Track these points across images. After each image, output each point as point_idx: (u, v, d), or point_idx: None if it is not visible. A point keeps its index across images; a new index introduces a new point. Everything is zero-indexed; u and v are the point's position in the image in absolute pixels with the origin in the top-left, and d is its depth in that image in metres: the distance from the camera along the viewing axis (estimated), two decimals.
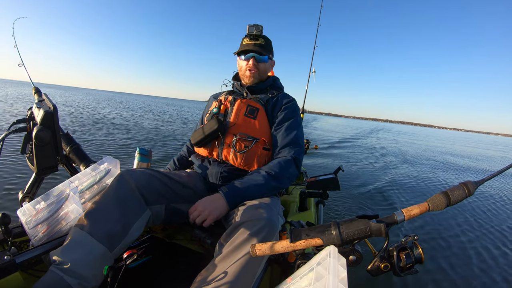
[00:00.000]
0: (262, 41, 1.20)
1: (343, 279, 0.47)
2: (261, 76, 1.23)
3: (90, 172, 1.04)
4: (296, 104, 1.23)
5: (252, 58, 1.18)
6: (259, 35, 1.19)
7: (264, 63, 1.21)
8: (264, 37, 1.21)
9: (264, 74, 1.24)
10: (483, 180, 0.53)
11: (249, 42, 1.20)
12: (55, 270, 0.72)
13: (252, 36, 1.20)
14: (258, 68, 1.20)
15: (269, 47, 1.23)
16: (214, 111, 1.17)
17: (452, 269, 2.05)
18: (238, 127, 1.10)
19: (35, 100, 1.09)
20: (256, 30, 1.18)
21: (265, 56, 1.19)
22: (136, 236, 0.89)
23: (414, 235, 0.56)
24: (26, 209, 0.90)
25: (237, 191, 0.96)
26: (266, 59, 1.20)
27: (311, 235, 0.57)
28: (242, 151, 1.07)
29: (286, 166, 1.05)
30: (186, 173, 1.15)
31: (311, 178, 1.78)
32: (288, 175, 1.05)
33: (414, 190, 4.40)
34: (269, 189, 1.00)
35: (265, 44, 1.20)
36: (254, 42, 1.19)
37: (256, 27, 1.18)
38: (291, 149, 1.09)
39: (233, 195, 0.94)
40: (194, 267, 0.88)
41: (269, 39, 1.25)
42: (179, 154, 1.38)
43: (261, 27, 1.18)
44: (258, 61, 1.19)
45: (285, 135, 1.11)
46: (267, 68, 1.24)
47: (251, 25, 1.19)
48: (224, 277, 0.70)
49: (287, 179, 1.05)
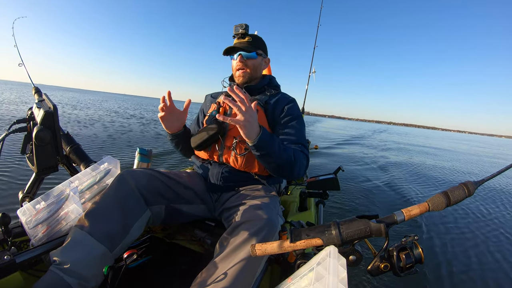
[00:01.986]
0: (249, 39, 1.18)
1: (343, 279, 0.47)
2: (253, 74, 1.20)
3: (90, 172, 1.04)
4: (297, 105, 1.21)
5: (239, 56, 1.16)
6: (245, 33, 1.17)
7: (253, 59, 1.18)
8: (251, 35, 1.19)
9: (255, 72, 1.21)
10: (483, 180, 0.53)
11: (236, 41, 1.19)
12: (55, 270, 0.72)
13: (238, 36, 1.18)
14: (246, 65, 1.17)
15: (257, 43, 1.20)
16: (214, 114, 1.15)
17: (452, 269, 2.05)
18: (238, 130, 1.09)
19: (35, 100, 1.09)
20: (241, 29, 1.16)
21: (252, 52, 1.17)
22: (136, 236, 0.90)
23: (414, 235, 0.56)
24: (26, 209, 0.90)
25: (268, 135, 0.92)
26: (254, 55, 1.17)
27: (311, 235, 0.57)
28: (243, 153, 1.06)
29: (302, 156, 1.04)
30: (186, 173, 1.15)
31: (311, 178, 1.78)
32: (300, 163, 1.02)
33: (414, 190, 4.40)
34: (286, 158, 0.96)
35: (252, 41, 1.18)
36: (240, 40, 1.18)
37: (241, 26, 1.16)
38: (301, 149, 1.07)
39: (265, 132, 0.90)
40: (194, 267, 0.88)
41: (258, 37, 1.22)
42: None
43: (245, 25, 1.16)
44: (245, 57, 1.17)
45: (291, 138, 1.09)
46: (257, 65, 1.20)
47: (236, 25, 1.17)
48: (224, 277, 0.70)
49: (299, 165, 1.02)
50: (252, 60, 1.18)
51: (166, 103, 1.03)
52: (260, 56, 1.21)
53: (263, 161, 0.97)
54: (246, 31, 1.17)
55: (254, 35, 1.20)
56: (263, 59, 1.24)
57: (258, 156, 0.95)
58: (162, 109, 1.03)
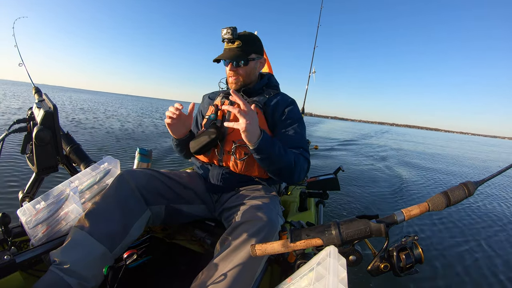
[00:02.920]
0: (239, 44, 1.08)
1: (343, 279, 0.47)
2: (246, 81, 1.15)
3: (90, 172, 1.04)
4: (297, 106, 1.19)
5: (230, 64, 1.11)
6: (233, 38, 1.08)
7: (244, 67, 1.11)
8: (243, 37, 1.09)
9: (248, 78, 1.15)
10: (483, 180, 0.53)
11: (226, 47, 1.11)
12: (55, 270, 0.72)
13: (228, 40, 1.09)
14: (238, 73, 1.12)
15: (248, 47, 1.10)
16: (212, 118, 1.11)
17: (452, 269, 2.05)
18: (237, 134, 1.05)
19: (35, 100, 1.09)
20: (228, 34, 1.07)
21: (242, 60, 1.09)
22: (136, 236, 0.90)
23: (414, 235, 0.56)
24: (26, 209, 0.90)
25: (269, 139, 0.92)
26: (244, 63, 1.10)
27: (311, 235, 0.57)
28: (242, 158, 1.04)
29: (302, 160, 1.04)
30: (186, 173, 1.14)
31: (311, 178, 1.78)
32: (301, 167, 1.02)
33: (414, 190, 4.40)
34: (287, 162, 0.96)
35: (242, 46, 1.09)
36: (230, 46, 1.10)
37: (228, 30, 1.06)
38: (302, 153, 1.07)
39: (266, 136, 0.91)
40: (194, 267, 0.88)
41: (250, 38, 1.12)
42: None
43: (233, 29, 1.06)
44: (236, 66, 1.11)
45: (293, 141, 1.08)
46: (249, 71, 1.14)
47: (223, 29, 1.08)
48: (224, 277, 0.70)
49: (300, 168, 1.02)
50: (243, 68, 1.12)
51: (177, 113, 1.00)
52: (253, 60, 1.13)
53: (264, 165, 0.97)
54: (233, 36, 1.07)
55: (244, 37, 1.10)
56: (258, 61, 1.16)
57: (259, 160, 0.95)
58: (171, 117, 1.01)
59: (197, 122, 1.30)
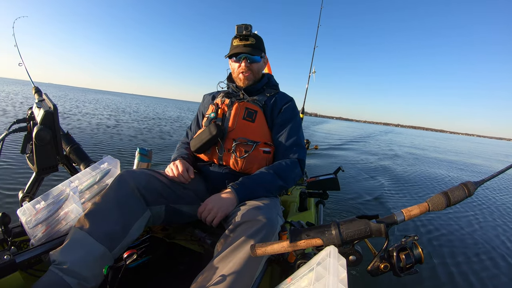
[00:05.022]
0: (253, 41, 1.15)
1: (343, 279, 0.47)
2: (256, 77, 1.21)
3: (90, 172, 1.04)
4: (295, 104, 1.22)
5: (244, 60, 1.15)
6: (249, 34, 1.14)
7: (257, 63, 1.18)
8: (254, 35, 1.17)
9: (258, 74, 1.22)
10: (483, 180, 0.53)
11: (239, 43, 1.16)
12: (55, 270, 0.72)
13: (241, 37, 1.15)
14: (251, 70, 1.17)
15: (260, 46, 1.19)
16: (212, 116, 1.14)
17: (452, 269, 2.04)
18: (237, 132, 1.09)
19: (36, 99, 1.09)
20: (245, 30, 1.13)
21: (257, 56, 1.16)
22: (136, 236, 0.89)
23: (414, 235, 0.56)
24: (26, 208, 0.90)
25: (246, 188, 0.96)
26: (258, 59, 1.17)
27: (311, 235, 0.57)
28: (243, 156, 1.06)
29: (292, 167, 1.07)
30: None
31: (311, 178, 1.78)
32: (293, 176, 1.07)
33: (414, 190, 4.40)
34: (276, 188, 1.02)
35: (256, 44, 1.16)
36: (244, 42, 1.15)
37: (245, 26, 1.13)
38: (295, 151, 1.10)
39: (243, 191, 0.95)
40: (194, 267, 0.88)
41: (259, 37, 1.20)
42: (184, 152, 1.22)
43: (250, 26, 1.13)
44: (250, 62, 1.16)
45: (288, 138, 1.11)
46: (260, 68, 1.21)
47: (239, 25, 1.13)
48: (223, 277, 0.70)
49: (292, 180, 1.07)
50: (256, 63, 1.18)
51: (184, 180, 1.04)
52: (263, 58, 1.21)
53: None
54: (250, 32, 1.14)
55: (256, 36, 1.18)
56: (264, 60, 1.24)
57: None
58: (180, 179, 1.03)
59: (198, 122, 1.31)
